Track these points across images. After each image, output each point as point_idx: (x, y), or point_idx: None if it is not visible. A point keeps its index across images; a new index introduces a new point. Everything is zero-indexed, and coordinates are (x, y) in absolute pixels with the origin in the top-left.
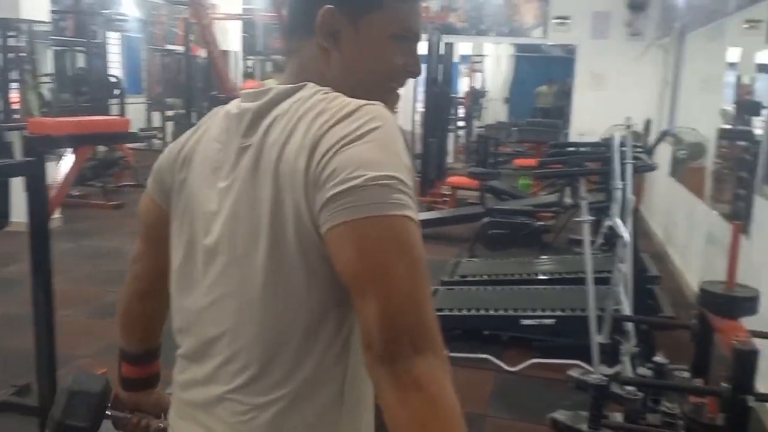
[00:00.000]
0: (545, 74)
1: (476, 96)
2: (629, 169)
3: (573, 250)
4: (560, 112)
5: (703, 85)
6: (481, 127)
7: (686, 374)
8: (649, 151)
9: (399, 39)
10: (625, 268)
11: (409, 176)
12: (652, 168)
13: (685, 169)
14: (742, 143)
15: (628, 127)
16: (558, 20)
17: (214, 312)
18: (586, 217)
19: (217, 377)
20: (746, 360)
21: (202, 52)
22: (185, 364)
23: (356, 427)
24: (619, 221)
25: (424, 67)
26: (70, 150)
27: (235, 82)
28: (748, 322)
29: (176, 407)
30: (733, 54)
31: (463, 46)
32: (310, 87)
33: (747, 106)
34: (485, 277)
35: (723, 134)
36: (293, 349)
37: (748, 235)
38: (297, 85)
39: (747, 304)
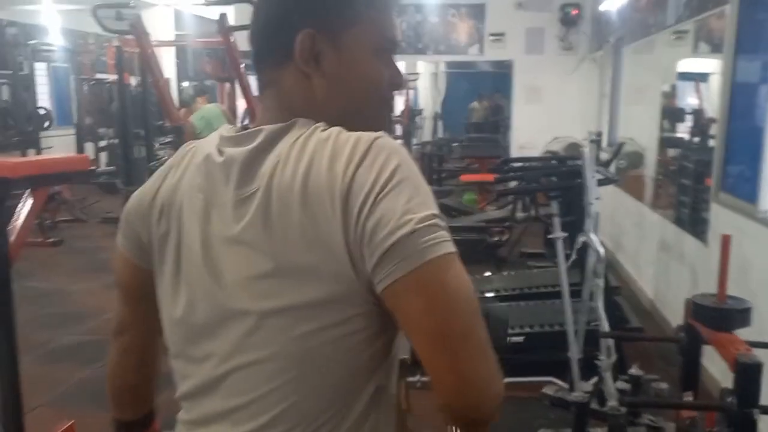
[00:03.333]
0: (477, 90)
1: (413, 114)
2: (595, 183)
3: (527, 264)
4: (494, 126)
5: (639, 96)
6: (417, 144)
7: (663, 385)
8: (607, 164)
9: (380, 51)
10: (601, 283)
11: (435, 202)
12: (613, 181)
13: (627, 178)
14: (681, 151)
15: (592, 141)
16: (493, 37)
17: (236, 381)
18: (558, 233)
19: None
20: (751, 373)
21: (133, 80)
22: (192, 428)
23: None
24: (593, 236)
25: None
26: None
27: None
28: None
29: None
30: (664, 65)
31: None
32: (303, 123)
33: (673, 114)
34: None
35: (664, 143)
36: (339, 405)
37: (706, 244)
38: (287, 123)
39: (741, 316)
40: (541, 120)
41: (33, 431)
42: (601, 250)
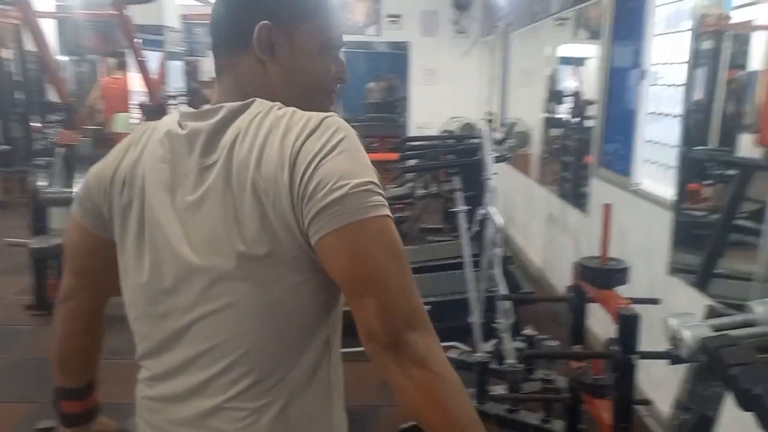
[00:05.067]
0: (375, 70)
1: None
2: (492, 159)
3: (427, 239)
4: (390, 106)
5: (526, 78)
6: None
7: (554, 343)
8: (501, 142)
9: (327, 48)
10: (499, 252)
11: (376, 176)
12: (507, 158)
13: (517, 156)
14: (563, 131)
15: (489, 121)
16: (390, 18)
17: (199, 330)
18: (461, 206)
19: (207, 390)
20: (631, 323)
21: (5, 53)
22: (153, 384)
23: (341, 406)
24: (492, 209)
25: None
26: None
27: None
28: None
29: (149, 429)
30: (548, 50)
31: None
32: (260, 103)
33: (555, 96)
34: None
35: (548, 123)
36: (292, 351)
37: (587, 214)
38: (246, 102)
39: (621, 274)
40: (438, 100)
41: None
42: (500, 221)
